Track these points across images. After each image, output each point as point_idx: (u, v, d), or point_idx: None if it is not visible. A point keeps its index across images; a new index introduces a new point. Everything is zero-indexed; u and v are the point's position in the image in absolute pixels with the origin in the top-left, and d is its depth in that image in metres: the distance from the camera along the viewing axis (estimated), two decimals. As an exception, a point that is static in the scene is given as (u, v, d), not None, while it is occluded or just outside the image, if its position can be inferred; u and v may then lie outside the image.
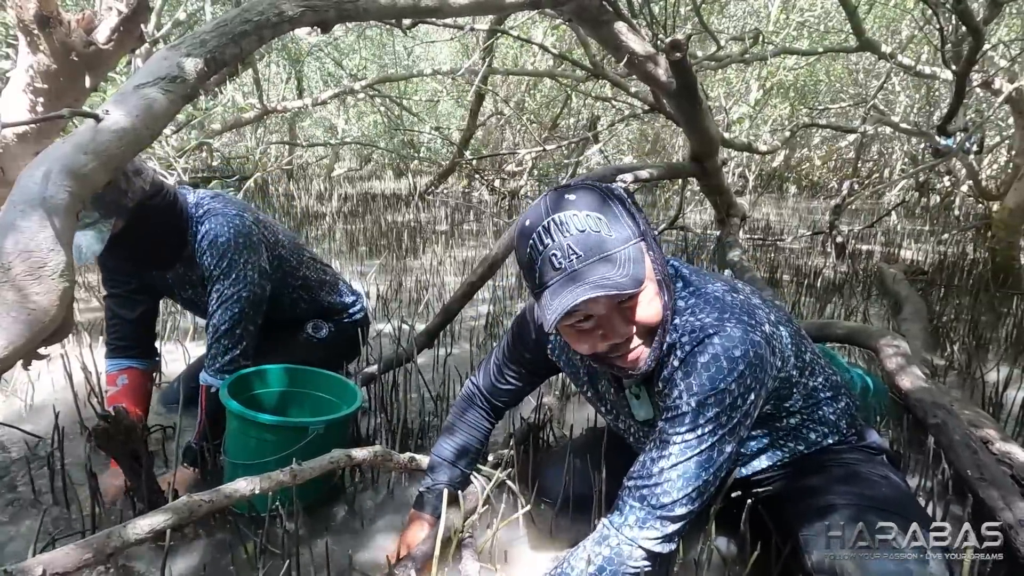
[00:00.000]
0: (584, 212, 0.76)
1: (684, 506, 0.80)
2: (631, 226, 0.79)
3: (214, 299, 1.28)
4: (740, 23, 5.63)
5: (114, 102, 0.62)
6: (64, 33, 1.73)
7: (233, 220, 1.28)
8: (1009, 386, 1.78)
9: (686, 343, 0.82)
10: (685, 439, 0.81)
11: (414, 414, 1.62)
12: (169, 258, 1.32)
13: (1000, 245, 2.99)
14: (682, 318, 0.85)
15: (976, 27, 1.90)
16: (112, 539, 0.61)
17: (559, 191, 0.80)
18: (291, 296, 1.47)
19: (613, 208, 0.78)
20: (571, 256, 0.75)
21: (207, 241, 1.26)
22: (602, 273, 0.74)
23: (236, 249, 1.26)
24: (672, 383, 0.83)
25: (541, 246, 0.77)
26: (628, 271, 0.75)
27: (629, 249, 0.77)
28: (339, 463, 1.03)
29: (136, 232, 1.21)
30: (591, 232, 0.76)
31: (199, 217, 1.30)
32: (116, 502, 1.19)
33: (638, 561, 0.81)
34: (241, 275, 1.27)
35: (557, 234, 0.76)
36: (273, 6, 0.80)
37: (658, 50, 1.50)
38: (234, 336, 1.28)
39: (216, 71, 0.76)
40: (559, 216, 0.76)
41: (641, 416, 0.96)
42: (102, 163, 0.60)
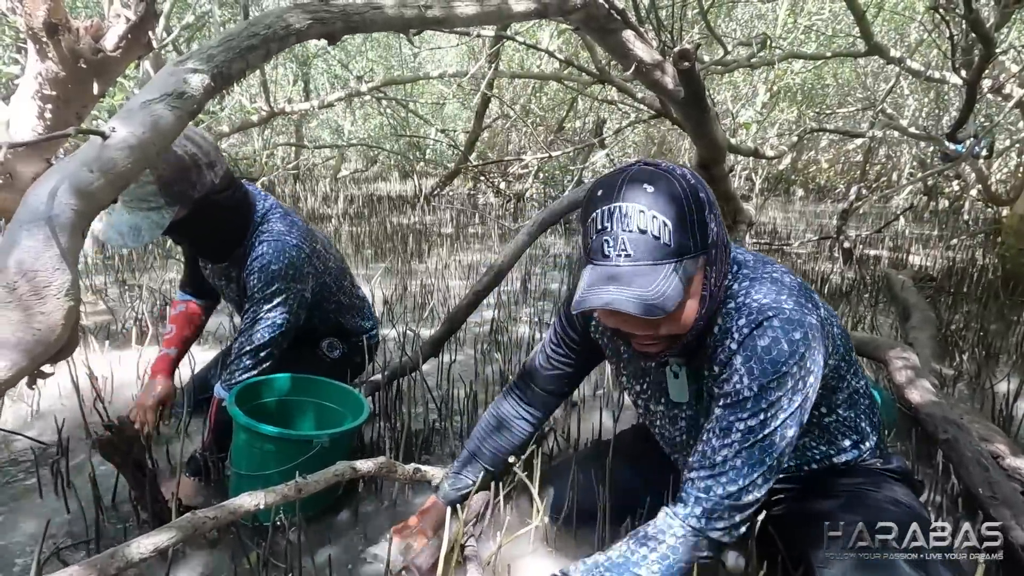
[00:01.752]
0: (652, 213, 0.73)
1: (751, 493, 0.79)
2: (699, 236, 0.76)
3: (249, 318, 1.29)
4: (747, 27, 5.61)
5: (121, 119, 0.62)
6: (73, 40, 1.74)
7: (289, 252, 1.28)
8: (1020, 397, 1.76)
9: (743, 326, 0.80)
10: (748, 425, 0.78)
11: (419, 423, 1.61)
12: (219, 254, 1.35)
13: (1010, 252, 2.96)
14: (737, 301, 0.83)
15: (987, 35, 1.88)
16: (116, 559, 0.61)
17: (642, 174, 0.76)
18: (319, 316, 1.48)
19: (688, 214, 0.75)
20: (621, 252, 0.74)
21: (258, 264, 1.27)
22: (641, 285, 0.73)
23: (283, 279, 1.27)
24: (730, 367, 0.81)
25: (600, 225, 0.75)
26: (667, 290, 0.73)
27: (684, 263, 0.75)
28: (344, 476, 1.03)
29: (195, 222, 1.22)
30: (651, 236, 0.73)
31: (260, 230, 1.30)
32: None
33: (703, 551, 0.80)
34: (281, 303, 1.28)
35: (618, 223, 0.74)
36: (280, 19, 0.80)
37: (665, 57, 1.49)
38: (257, 358, 1.29)
39: (223, 86, 0.75)
40: (627, 206, 0.74)
41: (675, 396, 0.94)
42: (109, 181, 0.60)
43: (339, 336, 1.55)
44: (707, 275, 0.79)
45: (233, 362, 1.30)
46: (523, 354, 2.05)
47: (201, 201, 1.20)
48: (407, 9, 0.97)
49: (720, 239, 0.79)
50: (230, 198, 1.25)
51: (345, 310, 1.53)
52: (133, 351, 1.97)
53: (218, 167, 1.22)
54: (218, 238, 1.31)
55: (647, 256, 0.73)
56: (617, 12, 1.35)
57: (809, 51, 4.44)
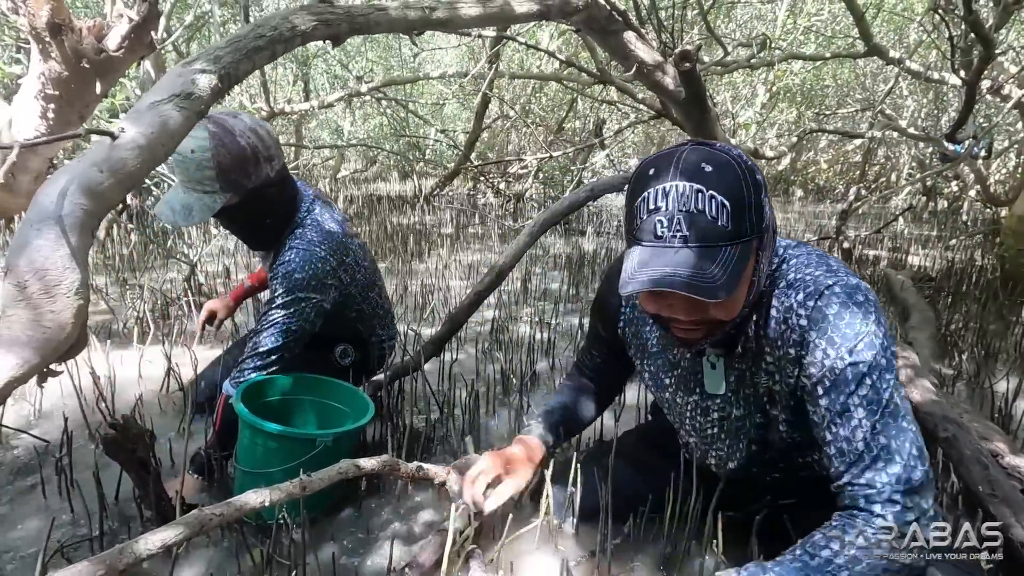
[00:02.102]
0: (711, 193, 0.70)
1: (916, 469, 0.72)
2: (754, 221, 0.73)
3: (266, 320, 1.31)
4: (748, 27, 5.62)
5: (129, 120, 0.63)
6: (75, 40, 1.75)
7: (315, 263, 1.29)
8: (1019, 397, 1.77)
9: (805, 300, 0.77)
10: (862, 396, 0.73)
11: (420, 422, 1.62)
12: (257, 242, 1.39)
13: (1009, 252, 2.97)
14: (788, 279, 0.81)
15: (986, 36, 1.89)
16: (124, 555, 0.62)
17: (697, 153, 0.73)
18: (338, 323, 1.48)
19: (746, 196, 0.72)
20: (676, 232, 0.70)
21: (283, 270, 1.29)
22: (697, 267, 0.69)
23: (304, 289, 1.29)
24: (808, 346, 0.77)
25: (652, 204, 0.71)
26: (723, 274, 0.70)
27: (739, 247, 0.72)
28: (348, 474, 1.03)
29: (242, 211, 1.26)
30: (709, 217, 0.70)
31: (296, 232, 1.33)
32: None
33: (906, 541, 0.73)
34: (299, 311, 1.30)
35: (674, 203, 0.70)
36: (286, 21, 0.81)
37: (666, 58, 1.50)
38: (268, 359, 1.31)
39: (230, 87, 0.76)
40: (684, 186, 0.70)
41: (711, 388, 0.92)
42: (118, 180, 0.60)
43: (354, 343, 1.55)
44: (759, 259, 0.76)
45: (244, 361, 1.31)
46: (524, 353, 2.06)
47: (253, 192, 1.24)
48: (411, 11, 0.97)
49: (772, 223, 0.77)
50: (279, 193, 1.29)
51: (366, 319, 1.54)
52: (134, 351, 1.98)
53: (275, 161, 1.25)
54: (260, 229, 1.35)
55: (704, 238, 0.70)
56: (618, 13, 1.36)
57: (808, 52, 4.46)
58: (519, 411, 1.72)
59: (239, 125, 1.19)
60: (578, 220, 5.07)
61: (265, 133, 1.23)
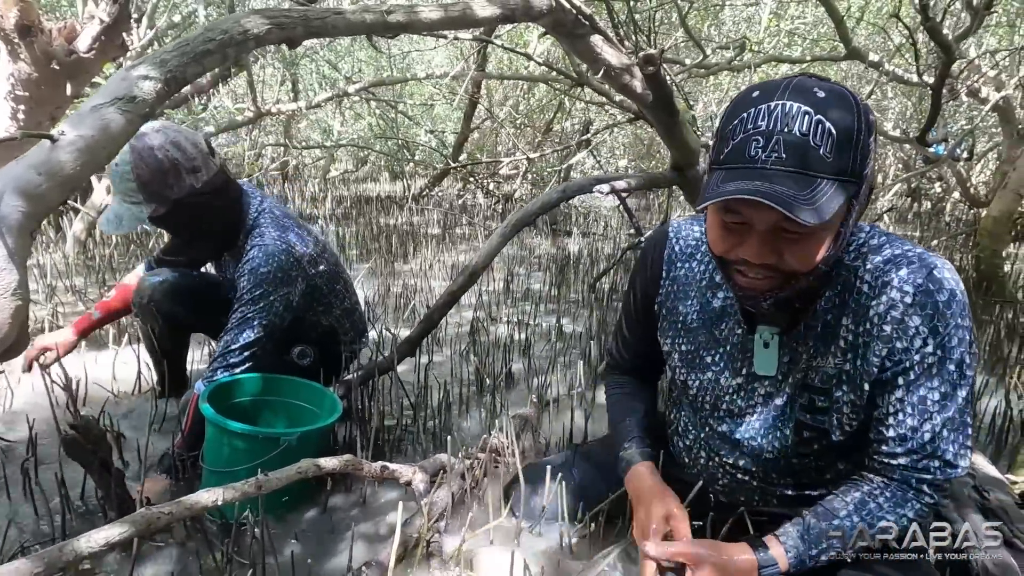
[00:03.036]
0: (819, 116, 0.64)
1: (963, 458, 0.76)
2: (859, 161, 0.67)
3: (235, 318, 1.33)
4: (733, 29, 5.66)
5: (70, 123, 0.63)
6: (45, 42, 1.75)
7: (279, 256, 1.33)
8: (984, 395, 1.80)
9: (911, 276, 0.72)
10: (946, 395, 0.73)
11: (392, 422, 1.63)
12: (209, 251, 1.44)
13: (984, 253, 3.02)
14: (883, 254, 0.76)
15: (945, 43, 1.92)
16: (65, 552, 0.62)
17: (810, 80, 0.67)
18: (305, 321, 1.50)
19: (854, 134, 0.65)
20: (773, 154, 0.64)
21: (248, 267, 1.32)
22: (789, 188, 0.63)
23: (272, 282, 1.32)
24: (905, 327, 0.73)
25: (751, 123, 0.65)
26: (817, 202, 0.63)
27: (836, 185, 0.65)
28: (307, 473, 1.04)
29: (179, 219, 1.30)
30: (812, 143, 0.64)
31: (253, 233, 1.36)
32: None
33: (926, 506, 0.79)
34: (268, 305, 1.32)
35: (778, 122, 0.64)
36: (237, 24, 0.82)
37: (634, 61, 1.52)
38: (242, 355, 1.33)
39: (177, 90, 0.77)
40: (791, 105, 0.64)
41: (761, 369, 0.84)
42: (57, 183, 0.61)
43: (320, 343, 1.56)
44: (851, 211, 0.70)
45: (217, 359, 1.33)
46: (501, 354, 2.07)
47: (180, 202, 1.26)
48: (369, 14, 0.98)
49: (872, 177, 0.71)
50: (215, 201, 1.31)
51: (333, 313, 1.55)
52: (110, 351, 1.97)
53: (202, 173, 1.28)
54: (204, 236, 1.38)
55: (803, 165, 0.64)
56: (584, 17, 1.37)
57: (793, 55, 4.49)
58: (492, 411, 1.73)
59: (158, 139, 1.22)
60: (565, 221, 5.09)
61: (190, 145, 1.26)
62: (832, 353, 0.80)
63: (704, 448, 0.97)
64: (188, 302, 1.51)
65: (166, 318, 1.51)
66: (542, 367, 2.00)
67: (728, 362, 0.89)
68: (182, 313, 1.51)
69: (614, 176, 1.90)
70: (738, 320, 0.87)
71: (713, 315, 0.89)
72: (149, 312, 1.50)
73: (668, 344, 0.97)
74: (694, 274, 0.92)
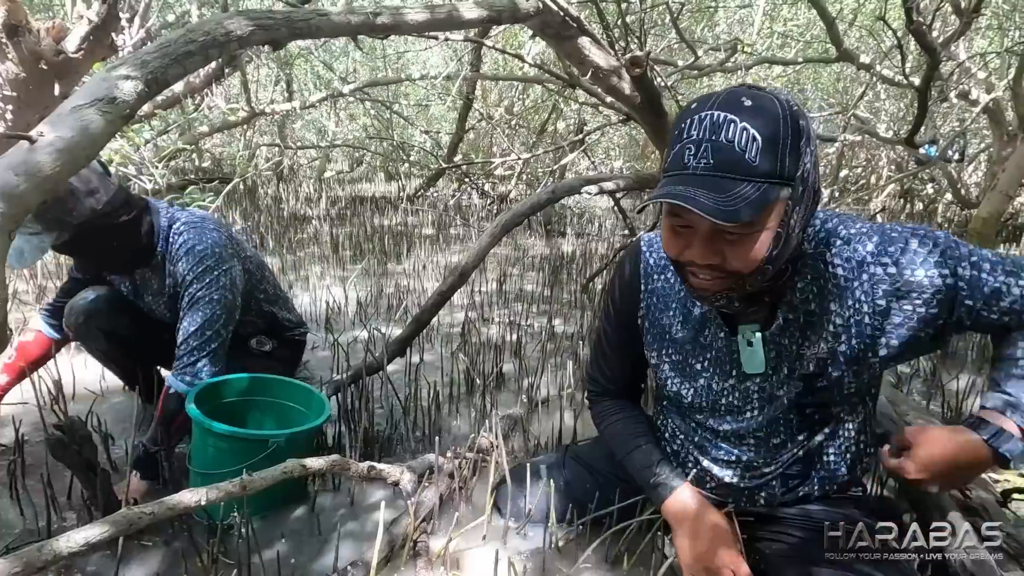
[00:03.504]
0: (743, 124, 0.69)
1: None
2: (788, 164, 0.70)
3: (186, 302, 1.31)
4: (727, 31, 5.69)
5: (49, 123, 0.64)
6: (33, 42, 1.74)
7: (211, 233, 1.35)
8: (970, 395, 1.82)
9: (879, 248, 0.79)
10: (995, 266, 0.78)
11: (381, 423, 1.63)
12: (127, 266, 1.39)
13: (974, 254, 3.04)
14: (840, 235, 0.81)
15: (930, 46, 1.93)
16: (43, 553, 0.62)
17: (744, 90, 0.72)
18: (250, 310, 1.51)
19: (781, 137, 0.70)
20: (702, 160, 0.70)
21: (184, 249, 1.31)
22: (712, 191, 0.68)
23: (212, 256, 1.32)
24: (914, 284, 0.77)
25: (687, 133, 0.71)
26: (737, 204, 0.68)
27: (763, 185, 0.69)
28: (292, 473, 1.04)
29: (85, 243, 1.26)
30: (736, 148, 0.69)
31: (176, 230, 1.35)
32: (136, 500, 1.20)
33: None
34: (215, 280, 1.31)
35: (706, 131, 0.70)
36: (220, 25, 0.82)
37: (623, 64, 1.53)
38: (202, 337, 1.30)
39: (158, 91, 0.77)
40: (719, 115, 0.70)
41: (749, 368, 0.87)
42: (35, 184, 0.61)
43: (268, 333, 1.59)
44: (787, 211, 0.73)
45: (180, 347, 1.30)
46: (491, 354, 2.07)
47: (83, 226, 1.24)
48: (354, 16, 0.99)
49: (810, 178, 0.74)
50: (123, 218, 1.28)
51: (272, 300, 1.58)
52: (100, 352, 1.97)
53: (100, 194, 1.25)
54: (115, 253, 1.34)
55: (728, 169, 0.69)
56: (572, 19, 1.38)
57: (786, 56, 4.52)
58: (482, 411, 1.73)
59: None
60: (560, 221, 5.10)
61: (85, 169, 1.20)
62: (823, 339, 0.83)
63: (694, 452, 0.99)
64: (126, 314, 1.46)
65: (108, 335, 1.45)
66: (533, 367, 2.01)
67: (717, 366, 0.91)
68: (123, 326, 1.46)
69: (603, 177, 1.91)
70: (719, 324, 0.89)
71: (696, 323, 0.91)
72: (89, 332, 1.43)
73: (656, 357, 0.98)
74: (671, 285, 0.94)
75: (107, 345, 1.47)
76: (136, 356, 1.52)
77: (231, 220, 4.26)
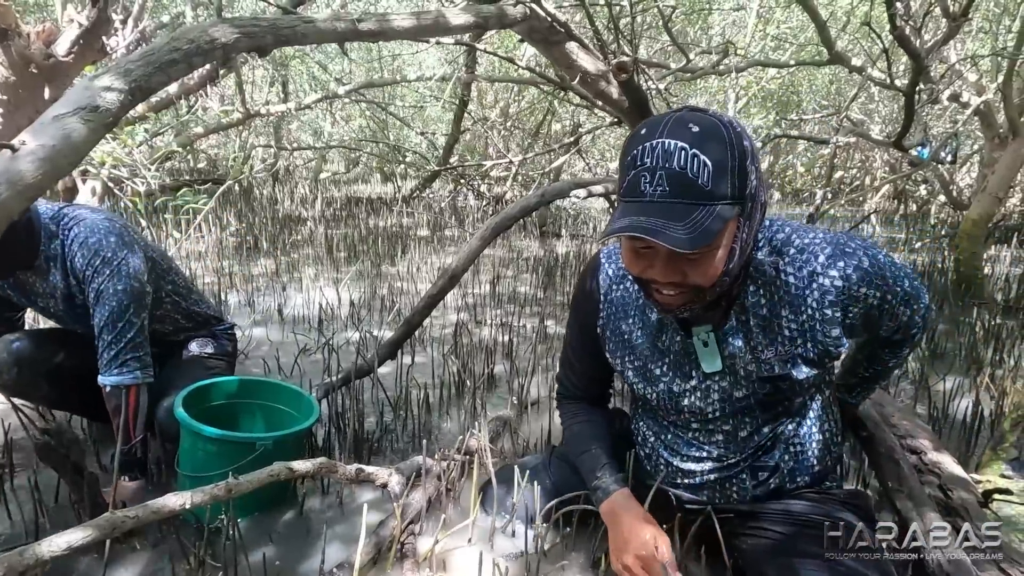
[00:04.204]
0: (694, 151, 0.72)
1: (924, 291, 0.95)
2: (738, 185, 0.75)
3: (92, 298, 1.25)
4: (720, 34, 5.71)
5: (31, 132, 0.64)
6: (23, 45, 1.75)
7: (103, 223, 1.28)
8: (956, 395, 1.83)
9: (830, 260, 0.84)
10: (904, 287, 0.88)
11: (371, 425, 1.64)
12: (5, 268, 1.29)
13: (963, 255, 3.06)
14: (795, 245, 0.86)
15: (914, 51, 1.95)
16: (25, 557, 0.63)
17: (688, 115, 0.75)
18: (164, 302, 1.45)
19: (730, 159, 0.74)
20: (658, 188, 0.73)
21: (77, 243, 1.24)
22: (669, 219, 0.72)
23: (109, 247, 1.25)
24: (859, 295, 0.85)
25: (639, 161, 0.74)
26: (699, 229, 0.72)
27: (717, 207, 0.73)
28: (279, 476, 1.05)
29: None
30: (689, 174, 0.72)
31: (64, 225, 1.28)
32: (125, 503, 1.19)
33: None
34: (116, 269, 1.25)
35: (659, 159, 0.73)
36: (204, 34, 0.82)
37: (610, 68, 1.54)
38: (115, 329, 1.24)
39: (143, 99, 0.78)
40: (670, 143, 0.73)
41: (707, 367, 0.92)
42: (17, 192, 0.62)
43: (197, 331, 1.55)
44: (740, 227, 0.78)
45: (98, 343, 1.25)
46: (482, 356, 2.08)
47: None
48: (340, 23, 1.00)
49: (757, 194, 0.79)
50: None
51: (185, 293, 1.52)
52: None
53: None
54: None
55: (682, 195, 0.72)
56: (559, 24, 1.39)
57: (779, 59, 4.54)
58: (472, 413, 1.74)
59: None
60: (554, 222, 5.11)
61: None
62: (779, 343, 0.88)
63: (665, 452, 1.02)
64: (55, 343, 1.37)
65: (48, 375, 1.34)
66: (525, 369, 2.02)
67: (676, 369, 0.95)
68: (62, 357, 1.36)
69: (593, 180, 1.92)
70: (675, 328, 0.94)
71: (653, 329, 0.96)
72: (24, 379, 1.31)
73: (619, 363, 1.02)
74: (629, 294, 0.99)
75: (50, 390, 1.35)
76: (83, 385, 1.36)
77: (226, 222, 4.27)
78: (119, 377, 1.24)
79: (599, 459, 1.05)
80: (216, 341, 1.59)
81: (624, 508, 0.97)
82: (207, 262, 3.42)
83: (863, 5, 4.62)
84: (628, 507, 0.97)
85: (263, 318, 2.56)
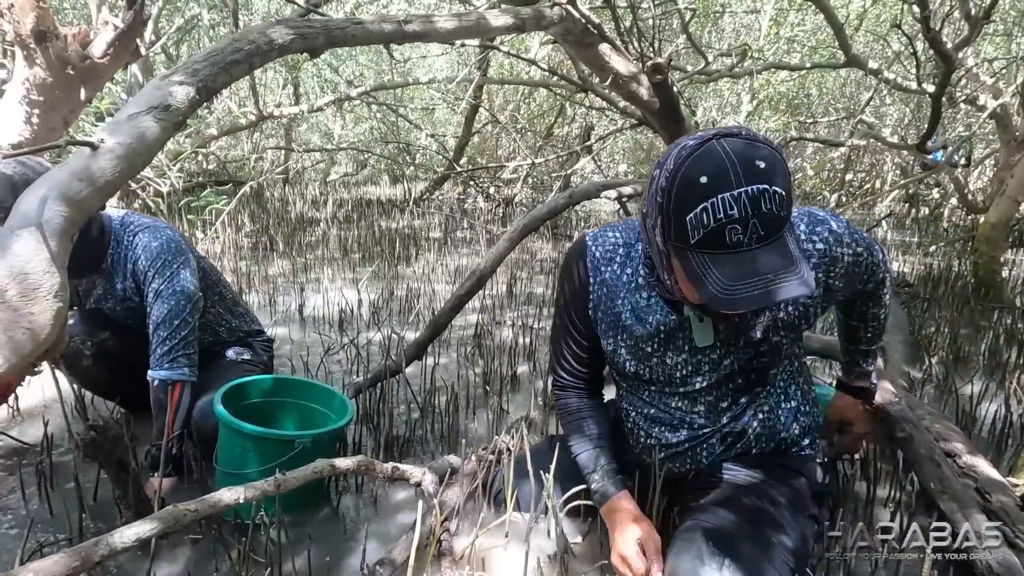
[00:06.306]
0: (773, 188, 0.72)
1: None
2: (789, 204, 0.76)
3: (151, 297, 1.34)
4: (734, 35, 5.72)
5: (109, 131, 0.65)
6: (60, 47, 1.77)
7: (165, 231, 1.38)
8: (983, 399, 1.83)
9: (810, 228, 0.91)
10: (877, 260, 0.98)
11: (400, 424, 1.65)
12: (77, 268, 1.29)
13: (982, 259, 3.05)
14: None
15: (946, 53, 1.95)
16: (100, 547, 0.64)
17: (747, 151, 0.74)
18: (208, 312, 1.52)
19: (787, 179, 0.75)
20: (753, 235, 0.73)
21: (140, 249, 1.35)
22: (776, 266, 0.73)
23: (169, 252, 1.35)
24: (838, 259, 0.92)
25: (721, 213, 0.72)
26: (800, 264, 0.74)
27: (788, 233, 0.76)
28: (322, 473, 1.06)
29: None
30: (775, 211, 0.72)
31: (131, 231, 1.38)
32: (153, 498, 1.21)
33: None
34: (175, 273, 1.34)
35: (746, 208, 0.71)
36: (263, 35, 0.84)
37: (642, 69, 1.55)
38: (171, 326, 1.32)
39: (208, 99, 0.79)
40: (752, 189, 0.72)
41: (701, 341, 0.95)
42: (96, 189, 0.63)
43: (239, 342, 1.61)
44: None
45: (152, 339, 1.32)
46: (506, 357, 2.09)
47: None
48: (387, 24, 1.01)
49: None
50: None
51: (232, 304, 1.60)
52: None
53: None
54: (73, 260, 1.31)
55: (774, 231, 0.74)
56: (593, 26, 1.40)
57: (793, 62, 4.54)
58: (498, 413, 1.75)
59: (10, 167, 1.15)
60: (566, 225, 5.12)
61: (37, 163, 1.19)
62: (762, 311, 0.94)
63: (645, 425, 1.07)
64: (104, 324, 1.44)
65: (92, 348, 1.41)
66: (546, 369, 2.03)
67: (667, 344, 0.99)
68: (107, 336, 1.43)
69: (621, 182, 1.93)
70: (666, 310, 0.98)
71: (644, 310, 0.99)
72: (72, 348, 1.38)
73: (611, 343, 1.04)
74: (618, 276, 1.01)
75: (94, 365, 1.43)
76: (121, 370, 1.47)
77: (240, 223, 4.29)
78: (169, 372, 1.29)
79: (597, 459, 1.07)
80: (253, 350, 1.62)
81: (619, 509, 1.01)
82: (224, 262, 3.44)
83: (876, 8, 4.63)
84: (623, 508, 1.01)
85: (284, 318, 2.57)
